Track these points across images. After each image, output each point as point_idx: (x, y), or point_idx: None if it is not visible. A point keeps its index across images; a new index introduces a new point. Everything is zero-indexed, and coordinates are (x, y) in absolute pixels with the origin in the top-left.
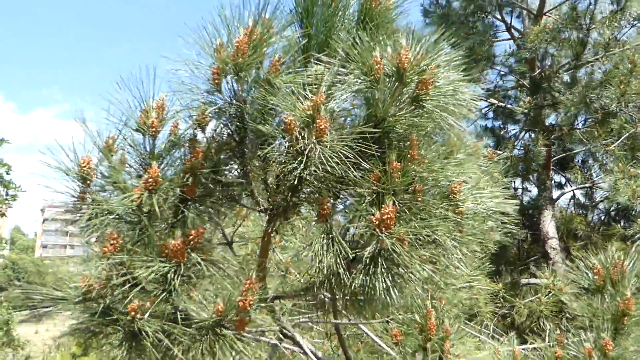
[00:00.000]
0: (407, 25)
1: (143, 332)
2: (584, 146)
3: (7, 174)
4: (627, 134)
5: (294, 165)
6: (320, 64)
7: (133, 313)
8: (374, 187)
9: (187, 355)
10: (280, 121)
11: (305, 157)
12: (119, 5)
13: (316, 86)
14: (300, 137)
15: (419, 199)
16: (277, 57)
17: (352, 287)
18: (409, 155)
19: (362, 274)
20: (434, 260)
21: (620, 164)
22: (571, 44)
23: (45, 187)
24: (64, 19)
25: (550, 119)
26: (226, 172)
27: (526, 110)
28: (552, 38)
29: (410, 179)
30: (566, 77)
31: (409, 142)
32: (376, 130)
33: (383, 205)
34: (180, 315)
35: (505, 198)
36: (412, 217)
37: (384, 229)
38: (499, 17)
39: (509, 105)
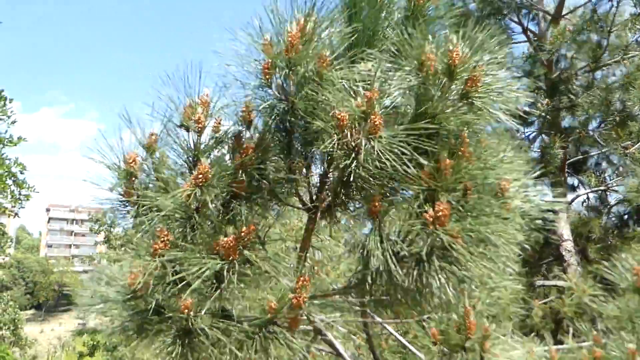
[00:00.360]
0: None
1: (198, 330)
2: (599, 149)
3: (21, 173)
4: None
5: (348, 161)
6: (370, 60)
7: (186, 311)
8: (427, 184)
9: (241, 353)
10: (332, 117)
11: (361, 154)
12: (126, 7)
13: (366, 82)
14: (353, 133)
15: (470, 196)
16: (328, 53)
17: (406, 284)
18: (460, 152)
19: (415, 271)
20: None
21: None
22: (591, 47)
23: (92, 183)
24: (70, 19)
25: (564, 122)
26: (273, 169)
27: (543, 113)
28: (573, 40)
29: (463, 176)
30: (584, 80)
31: (460, 139)
32: (433, 127)
33: (437, 202)
34: (234, 312)
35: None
36: (466, 214)
37: (438, 226)
38: (515, 19)
39: (525, 108)
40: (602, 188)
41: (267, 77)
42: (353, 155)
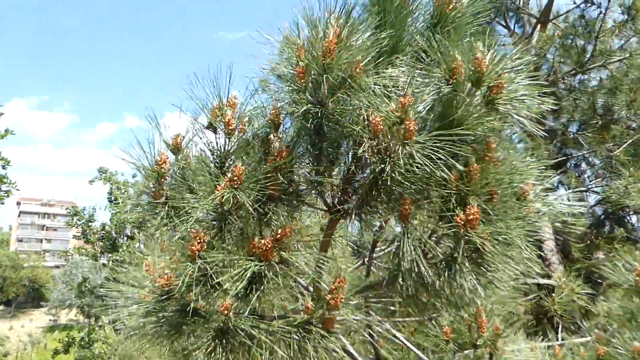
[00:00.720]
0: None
1: (238, 330)
2: (579, 151)
3: (4, 168)
4: (633, 139)
5: (384, 166)
6: (400, 66)
7: (226, 311)
8: (458, 189)
9: (280, 351)
10: (366, 121)
11: (397, 158)
12: None
13: (396, 88)
14: (387, 138)
15: (496, 200)
16: (360, 58)
17: (436, 285)
18: (487, 157)
19: (446, 272)
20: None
21: (631, 169)
22: (576, 51)
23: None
24: (51, 9)
25: (547, 125)
26: (303, 172)
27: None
28: (561, 45)
29: (490, 180)
30: (569, 84)
31: (486, 145)
32: (466, 133)
33: (468, 206)
34: (272, 313)
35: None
36: (494, 217)
37: (469, 229)
38: (503, 23)
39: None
40: (582, 189)
41: (302, 81)
42: (388, 159)
